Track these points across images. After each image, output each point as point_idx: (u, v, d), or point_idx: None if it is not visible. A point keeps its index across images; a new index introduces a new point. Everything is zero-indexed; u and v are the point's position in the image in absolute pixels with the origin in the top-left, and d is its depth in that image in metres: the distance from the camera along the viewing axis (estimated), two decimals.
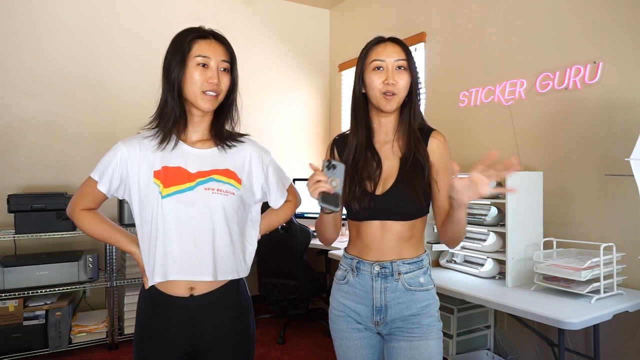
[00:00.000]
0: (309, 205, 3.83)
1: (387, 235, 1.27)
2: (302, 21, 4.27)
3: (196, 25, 1.26)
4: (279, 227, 3.14)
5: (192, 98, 1.20)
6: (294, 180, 3.90)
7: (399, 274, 1.25)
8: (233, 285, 1.26)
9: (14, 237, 2.82)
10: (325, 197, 1.13)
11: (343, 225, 1.29)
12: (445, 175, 1.27)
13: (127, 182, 1.22)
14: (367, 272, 1.27)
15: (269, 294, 3.32)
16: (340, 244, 3.17)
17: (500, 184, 2.16)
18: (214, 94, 1.19)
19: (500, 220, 2.14)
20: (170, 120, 1.21)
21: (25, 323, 2.77)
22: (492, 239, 2.11)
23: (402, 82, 1.25)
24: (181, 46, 1.19)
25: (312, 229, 3.37)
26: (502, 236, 2.09)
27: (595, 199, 2.16)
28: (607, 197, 2.11)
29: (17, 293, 2.73)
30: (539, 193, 2.15)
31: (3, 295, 2.70)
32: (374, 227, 1.28)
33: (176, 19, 3.54)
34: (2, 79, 3.06)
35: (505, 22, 2.61)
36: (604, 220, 2.12)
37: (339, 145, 1.38)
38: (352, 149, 1.31)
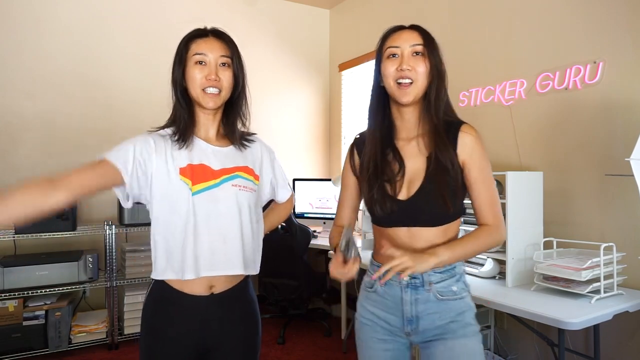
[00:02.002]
0: (309, 205, 3.83)
1: (416, 243, 1.16)
2: (302, 21, 4.27)
3: (197, 25, 1.26)
4: (279, 227, 3.15)
5: (196, 98, 1.20)
6: (294, 180, 3.90)
7: (430, 284, 1.16)
8: (245, 283, 1.28)
9: (14, 237, 2.82)
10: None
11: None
12: (479, 174, 1.16)
13: (148, 175, 1.16)
14: (396, 283, 1.18)
15: (269, 294, 3.32)
16: None
17: (499, 183, 2.16)
18: (215, 90, 1.19)
19: None
20: (181, 122, 1.21)
21: (25, 323, 2.77)
22: None
23: (419, 68, 1.14)
24: (180, 48, 1.21)
25: (312, 229, 3.37)
26: None
27: (595, 199, 2.16)
28: (607, 197, 2.11)
29: (17, 293, 2.73)
30: (539, 193, 2.15)
31: (3, 295, 2.70)
32: (401, 234, 1.17)
33: (176, 18, 3.55)
34: (2, 79, 3.06)
35: (505, 22, 2.61)
36: (604, 220, 2.12)
37: (359, 145, 1.29)
38: (371, 149, 1.21)
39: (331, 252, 1.21)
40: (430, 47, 1.16)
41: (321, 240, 3.37)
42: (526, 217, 2.08)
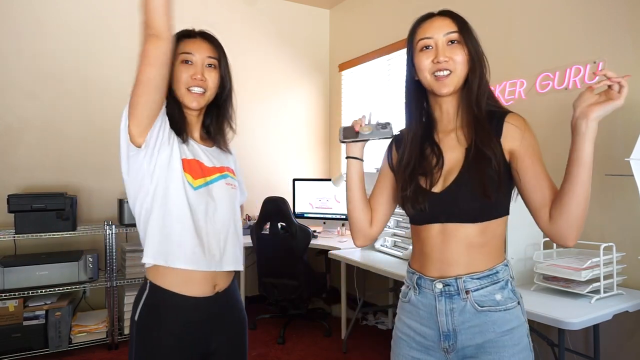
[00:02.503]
0: (309, 205, 3.83)
1: (450, 242, 1.04)
2: (302, 21, 4.27)
3: (198, 25, 1.27)
4: (279, 227, 3.15)
5: (180, 97, 1.20)
6: (294, 180, 3.90)
7: (467, 292, 1.02)
8: (234, 280, 1.30)
9: (14, 237, 2.82)
10: (347, 129, 1.15)
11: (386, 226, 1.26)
12: (534, 161, 1.04)
13: (158, 144, 1.13)
14: (429, 290, 1.06)
15: (269, 294, 3.32)
16: (340, 244, 3.17)
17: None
18: (199, 90, 1.19)
19: None
20: (174, 119, 1.20)
21: (25, 323, 2.77)
22: None
23: (457, 57, 1.04)
24: None
25: (312, 229, 3.37)
26: None
27: (595, 199, 2.16)
28: (607, 197, 2.11)
29: (17, 293, 2.73)
30: None
31: (3, 295, 2.70)
32: (433, 232, 1.06)
33: (177, 19, 3.53)
34: (2, 79, 3.06)
35: (505, 22, 2.61)
36: (604, 220, 2.12)
37: (397, 141, 1.20)
38: (410, 148, 1.12)
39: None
40: (465, 32, 1.07)
41: (321, 240, 3.37)
42: (526, 217, 2.07)
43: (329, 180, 3.73)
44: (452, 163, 1.07)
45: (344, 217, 3.65)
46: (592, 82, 0.90)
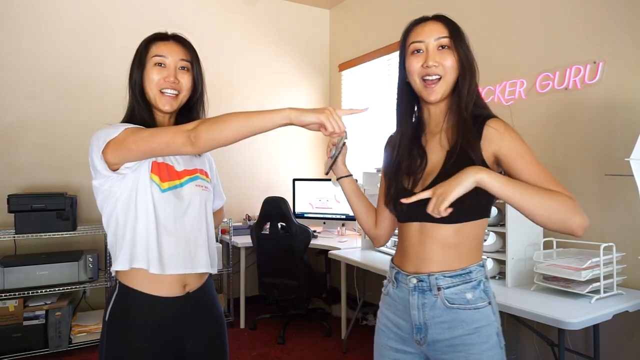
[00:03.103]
0: (309, 205, 3.83)
1: (426, 241, 1.09)
2: (302, 21, 4.27)
3: (198, 25, 1.26)
4: (279, 227, 3.15)
5: (152, 100, 1.20)
6: (294, 180, 3.90)
7: (439, 289, 1.06)
8: (210, 281, 1.30)
9: (14, 237, 2.82)
10: (327, 162, 1.28)
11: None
12: (520, 160, 1.03)
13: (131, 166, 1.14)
14: (405, 285, 1.12)
15: (269, 294, 3.32)
16: (340, 244, 3.17)
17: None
18: (173, 92, 1.19)
19: (500, 220, 2.14)
20: (143, 123, 1.19)
21: (25, 323, 2.77)
22: (492, 238, 2.11)
23: (446, 63, 1.06)
24: (140, 50, 1.22)
25: (312, 229, 3.37)
26: (502, 236, 2.09)
27: (595, 199, 2.16)
28: (607, 197, 2.11)
29: (17, 293, 2.72)
30: None
31: (3, 295, 2.70)
32: (412, 230, 1.12)
33: (177, 18, 3.55)
34: (2, 79, 3.06)
35: (505, 22, 2.61)
36: (604, 220, 2.12)
37: (390, 144, 1.26)
38: (396, 145, 1.18)
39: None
40: (456, 38, 1.08)
41: (321, 240, 3.37)
42: (526, 217, 2.08)
43: (329, 180, 3.72)
44: (433, 165, 1.11)
45: (344, 217, 3.65)
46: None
